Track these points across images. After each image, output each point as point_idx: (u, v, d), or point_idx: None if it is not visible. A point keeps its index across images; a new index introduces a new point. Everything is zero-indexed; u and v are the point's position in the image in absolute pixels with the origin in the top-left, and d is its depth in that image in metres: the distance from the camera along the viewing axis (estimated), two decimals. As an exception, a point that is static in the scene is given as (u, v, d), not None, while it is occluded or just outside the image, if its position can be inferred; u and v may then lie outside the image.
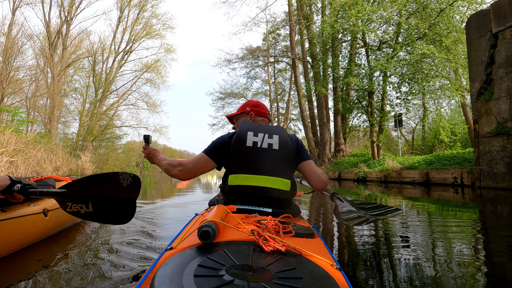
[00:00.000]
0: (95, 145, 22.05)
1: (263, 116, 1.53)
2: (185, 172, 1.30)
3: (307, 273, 0.57)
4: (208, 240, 0.67)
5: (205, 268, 0.55)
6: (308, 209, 3.58)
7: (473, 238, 2.02)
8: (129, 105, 23.87)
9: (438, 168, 7.29)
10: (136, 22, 23.32)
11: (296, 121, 27.06)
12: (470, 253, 1.59)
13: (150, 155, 1.44)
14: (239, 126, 1.32)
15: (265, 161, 1.22)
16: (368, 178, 9.75)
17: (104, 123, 21.78)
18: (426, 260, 1.48)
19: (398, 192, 5.63)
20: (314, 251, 0.69)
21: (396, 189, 6.32)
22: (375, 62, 10.33)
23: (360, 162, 11.53)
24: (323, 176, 1.38)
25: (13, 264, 1.32)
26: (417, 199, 4.45)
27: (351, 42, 12.48)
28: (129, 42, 23.53)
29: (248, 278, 0.52)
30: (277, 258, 0.62)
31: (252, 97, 27.39)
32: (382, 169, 9.19)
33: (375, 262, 1.47)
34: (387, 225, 2.36)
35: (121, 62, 23.49)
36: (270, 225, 0.80)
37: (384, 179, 8.83)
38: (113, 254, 1.45)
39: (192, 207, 3.38)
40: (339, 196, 1.22)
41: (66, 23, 20.63)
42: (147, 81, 24.16)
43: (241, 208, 1.15)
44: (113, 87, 23.23)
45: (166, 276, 0.52)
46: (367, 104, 11.70)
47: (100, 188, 1.18)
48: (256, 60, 25.10)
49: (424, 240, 1.93)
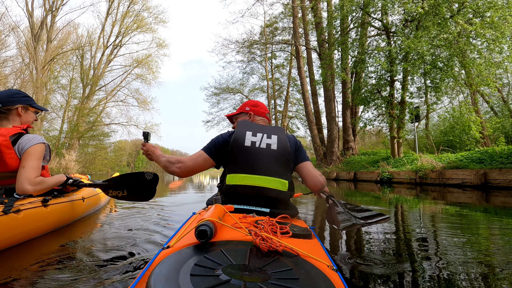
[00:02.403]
0: (82, 144, 21.77)
1: (262, 115, 1.57)
2: (184, 169, 1.34)
3: (303, 273, 0.59)
4: (205, 240, 0.69)
5: (201, 267, 0.57)
6: (306, 210, 3.61)
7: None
8: (118, 102, 23.63)
9: (500, 167, 5.94)
10: (127, 15, 23.05)
11: (294, 118, 27.08)
12: (479, 256, 1.61)
13: (149, 152, 1.50)
14: (238, 126, 1.35)
15: (263, 161, 1.26)
16: (395, 179, 8.43)
17: (91, 119, 21.46)
18: (425, 262, 1.52)
19: (441, 197, 4.65)
20: (311, 252, 0.72)
21: (437, 193, 5.23)
22: (405, 40, 8.59)
23: (382, 160, 10.20)
24: (321, 178, 1.41)
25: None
26: (474, 207, 3.51)
27: (363, 22, 10.79)
28: (119, 35, 23.27)
29: (245, 278, 0.54)
30: (274, 258, 0.64)
31: (248, 93, 27.29)
32: (416, 169, 7.81)
33: (372, 264, 1.51)
34: (387, 226, 2.40)
35: (110, 56, 23.22)
36: (268, 225, 0.82)
37: (420, 181, 7.48)
38: (109, 252, 1.46)
39: (186, 207, 3.41)
40: (334, 199, 1.26)
41: (51, 13, 20.29)
42: (138, 77, 23.93)
43: (238, 208, 1.18)
44: (101, 82, 22.96)
45: (163, 274, 0.53)
46: (391, 93, 9.99)
47: (131, 180, 1.95)
48: (253, 55, 25.00)
49: (427, 242, 1.98)
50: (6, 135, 1.61)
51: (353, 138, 15.25)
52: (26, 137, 1.71)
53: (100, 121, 22.40)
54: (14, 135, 1.67)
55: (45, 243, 1.71)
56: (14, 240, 1.57)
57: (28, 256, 1.45)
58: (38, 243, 1.69)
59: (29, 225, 1.67)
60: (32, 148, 1.68)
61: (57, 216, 1.93)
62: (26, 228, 1.64)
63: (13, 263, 1.34)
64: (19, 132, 1.70)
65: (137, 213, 2.78)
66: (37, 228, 1.75)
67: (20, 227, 1.60)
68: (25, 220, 1.61)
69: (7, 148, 1.61)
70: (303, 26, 17.31)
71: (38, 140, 1.73)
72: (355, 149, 15.29)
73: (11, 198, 1.59)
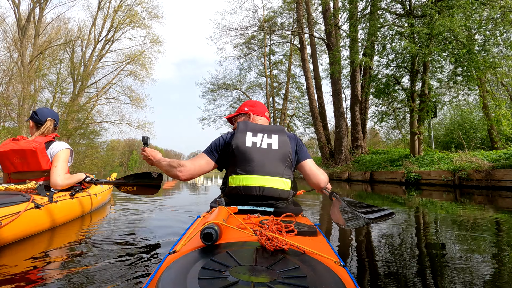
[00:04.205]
0: (71, 143, 21.57)
1: (262, 115, 1.61)
2: (186, 172, 1.37)
3: (311, 271, 0.61)
4: (210, 242, 0.70)
5: (209, 270, 0.58)
6: (310, 207, 3.66)
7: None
8: (110, 99, 23.49)
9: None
10: (119, 9, 22.87)
11: (293, 117, 27.10)
12: (485, 258, 1.64)
13: (150, 157, 1.52)
14: (238, 127, 1.39)
15: (265, 161, 1.30)
16: (425, 180, 7.57)
17: (79, 116, 21.15)
18: (430, 257, 1.54)
19: (488, 202, 4.06)
20: (317, 249, 0.73)
21: (483, 197, 4.60)
22: (440, 18, 7.44)
23: (404, 159, 9.46)
24: (323, 175, 1.45)
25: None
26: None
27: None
28: (111, 30, 23.08)
29: (253, 279, 0.55)
30: (281, 257, 0.66)
31: (246, 90, 27.24)
32: (454, 168, 6.91)
33: (379, 258, 1.54)
34: (392, 222, 2.43)
35: (102, 52, 23.04)
36: (272, 225, 0.83)
37: (459, 182, 6.64)
38: (114, 259, 1.48)
39: (186, 208, 3.44)
40: (338, 196, 1.27)
41: (39, 6, 20.06)
42: (130, 74, 23.78)
43: (242, 209, 1.21)
44: (92, 79, 22.77)
45: (170, 279, 0.55)
46: (413, 81, 9.05)
47: (139, 179, 2.50)
48: (250, 50, 24.92)
49: (431, 238, 2.00)
50: (41, 142, 2.21)
51: (362, 135, 14.30)
52: (55, 143, 2.31)
53: (91, 119, 22.23)
54: (47, 143, 2.27)
55: (46, 244, 1.81)
56: (55, 223, 2.15)
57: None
58: (39, 242, 1.85)
59: (63, 212, 2.24)
60: (61, 152, 2.27)
61: (80, 206, 2.56)
62: (61, 214, 2.21)
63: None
64: (50, 140, 2.30)
65: (140, 216, 2.85)
66: (67, 215, 2.33)
67: (58, 213, 2.16)
68: (61, 208, 2.20)
69: (42, 151, 2.19)
70: (307, 14, 16.29)
71: (65, 146, 2.32)
72: (365, 147, 14.40)
73: (51, 192, 2.18)
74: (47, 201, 2.03)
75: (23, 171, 2.20)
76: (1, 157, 2.17)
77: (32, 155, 2.15)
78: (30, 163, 2.18)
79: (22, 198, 1.82)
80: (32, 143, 2.17)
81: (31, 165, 2.18)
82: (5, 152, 2.15)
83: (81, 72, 21.84)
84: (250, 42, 24.49)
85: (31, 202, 1.84)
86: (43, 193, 2.09)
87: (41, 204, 1.94)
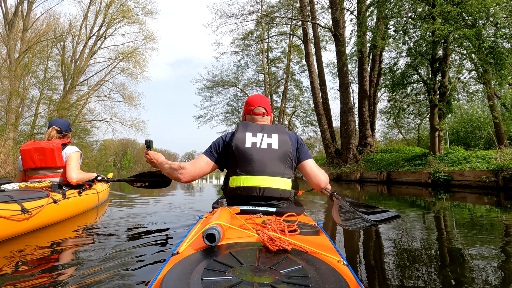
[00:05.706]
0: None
1: (260, 114, 1.63)
2: (187, 174, 1.40)
3: (314, 270, 0.62)
4: (213, 243, 0.72)
5: (212, 271, 0.59)
6: (313, 207, 3.69)
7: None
8: (102, 97, 23.29)
9: None
10: (111, 4, 22.67)
11: (292, 115, 27.11)
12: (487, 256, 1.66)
13: (153, 160, 1.58)
14: (238, 127, 1.42)
15: (265, 161, 1.32)
16: (456, 181, 6.93)
17: (69, 114, 20.81)
18: (433, 256, 1.56)
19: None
20: (320, 248, 0.75)
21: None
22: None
23: (424, 157, 8.88)
24: (324, 176, 1.48)
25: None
26: None
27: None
28: (103, 25, 22.88)
29: (256, 279, 0.56)
30: (284, 257, 0.67)
31: (243, 87, 27.15)
32: (496, 168, 6.21)
33: (382, 257, 1.55)
34: (400, 223, 2.45)
35: (93, 48, 22.85)
36: (275, 225, 0.84)
37: (503, 184, 5.98)
38: (116, 260, 1.51)
39: (186, 209, 3.45)
40: (339, 197, 1.28)
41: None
42: (123, 71, 23.60)
43: (244, 209, 1.23)
44: (84, 76, 22.57)
45: (174, 281, 0.56)
46: (437, 71, 8.30)
47: (151, 176, 3.00)
48: (248, 46, 24.84)
49: (434, 238, 2.02)
50: (59, 143, 2.82)
51: (371, 133, 13.65)
52: (69, 147, 2.90)
53: (83, 117, 21.99)
54: (62, 145, 2.85)
55: (60, 234, 2.16)
56: (68, 216, 2.65)
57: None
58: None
59: (74, 207, 2.74)
60: (73, 154, 2.86)
61: (86, 202, 3.05)
62: (72, 209, 2.71)
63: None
64: (65, 143, 2.90)
65: (140, 217, 2.92)
66: (76, 210, 2.82)
67: (70, 208, 2.66)
68: (71, 204, 2.69)
69: (59, 150, 2.78)
70: (310, 3, 15.77)
71: (76, 149, 2.92)
72: (373, 145, 13.77)
73: (63, 190, 2.67)
74: (62, 197, 2.52)
75: (40, 167, 2.73)
76: (24, 154, 2.70)
77: (50, 153, 2.71)
78: (47, 160, 2.71)
79: (43, 194, 2.29)
80: (51, 143, 2.76)
81: (48, 161, 2.72)
82: (28, 150, 2.70)
83: (72, 68, 21.60)
84: (248, 38, 24.43)
85: (50, 198, 2.32)
86: (57, 191, 2.58)
87: (58, 199, 2.43)
